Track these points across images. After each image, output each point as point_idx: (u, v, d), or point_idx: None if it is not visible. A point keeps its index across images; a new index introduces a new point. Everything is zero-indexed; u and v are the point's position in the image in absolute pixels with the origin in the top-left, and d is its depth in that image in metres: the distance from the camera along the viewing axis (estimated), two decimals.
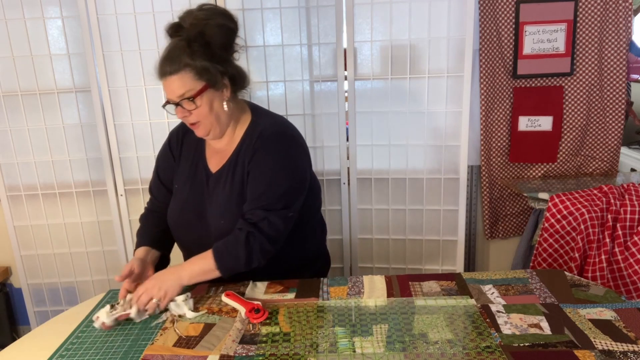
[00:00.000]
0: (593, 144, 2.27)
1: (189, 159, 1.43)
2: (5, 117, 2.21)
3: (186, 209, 1.39)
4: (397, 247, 2.34)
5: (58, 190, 2.28)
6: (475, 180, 2.35)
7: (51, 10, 2.12)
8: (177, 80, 1.23)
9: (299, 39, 2.13)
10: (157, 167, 1.50)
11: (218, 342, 1.10)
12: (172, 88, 1.25)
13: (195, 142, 1.43)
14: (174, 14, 2.08)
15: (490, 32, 2.17)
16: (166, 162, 1.47)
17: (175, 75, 1.23)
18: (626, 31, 2.11)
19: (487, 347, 1.03)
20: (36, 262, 2.36)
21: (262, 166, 1.30)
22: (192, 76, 1.24)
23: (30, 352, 1.13)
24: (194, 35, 1.23)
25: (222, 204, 1.34)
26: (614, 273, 1.74)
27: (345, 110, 2.18)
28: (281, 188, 1.30)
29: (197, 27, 1.24)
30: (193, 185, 1.39)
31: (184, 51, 1.23)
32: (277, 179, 1.30)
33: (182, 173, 1.43)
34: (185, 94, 1.24)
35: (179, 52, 1.24)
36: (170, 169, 1.47)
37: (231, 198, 1.33)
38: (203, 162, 1.40)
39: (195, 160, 1.42)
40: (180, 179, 1.43)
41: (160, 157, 1.50)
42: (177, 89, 1.24)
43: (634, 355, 0.98)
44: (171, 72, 1.23)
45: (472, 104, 2.17)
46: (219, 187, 1.35)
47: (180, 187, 1.42)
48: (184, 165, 1.43)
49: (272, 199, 1.29)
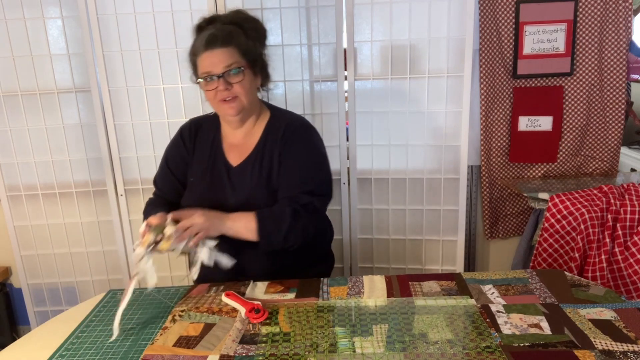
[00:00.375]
0: (593, 144, 2.27)
1: (204, 153, 1.45)
2: (5, 117, 2.21)
3: (205, 200, 1.40)
4: (397, 247, 2.34)
5: (58, 190, 2.28)
6: (475, 180, 2.35)
7: (51, 10, 2.12)
8: (226, 53, 1.30)
9: (299, 39, 2.13)
10: (167, 159, 1.51)
11: (218, 342, 1.10)
12: (218, 59, 1.30)
13: (211, 138, 1.46)
14: (174, 14, 2.08)
15: (490, 32, 2.17)
16: (178, 153, 1.49)
17: (224, 48, 1.30)
18: (626, 31, 2.11)
19: (487, 347, 1.03)
20: (36, 262, 2.37)
21: (299, 155, 1.38)
22: (239, 53, 1.32)
23: (30, 352, 1.14)
24: (242, 21, 1.36)
25: (248, 195, 1.38)
26: (614, 273, 1.74)
27: (345, 110, 2.18)
28: (322, 175, 1.41)
29: (246, 20, 1.37)
30: (212, 179, 1.42)
31: (236, 30, 1.33)
32: (317, 166, 1.40)
33: (198, 167, 1.45)
34: (232, 65, 1.30)
35: (230, 29, 1.33)
36: (182, 160, 1.48)
37: (258, 189, 1.38)
38: (221, 156, 1.43)
39: (212, 155, 1.44)
40: (196, 173, 1.45)
41: (171, 148, 1.51)
42: (225, 60, 1.30)
43: (634, 355, 0.98)
44: (222, 44, 1.30)
45: (472, 104, 2.17)
46: (244, 179, 1.39)
47: (197, 181, 1.44)
48: (200, 160, 1.45)
49: (317, 185, 1.38)
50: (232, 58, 1.30)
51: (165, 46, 2.12)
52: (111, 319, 1.24)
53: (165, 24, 2.10)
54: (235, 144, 1.44)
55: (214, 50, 1.30)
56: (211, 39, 1.30)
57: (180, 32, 2.10)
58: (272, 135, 1.40)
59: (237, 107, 1.35)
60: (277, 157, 1.38)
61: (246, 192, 1.38)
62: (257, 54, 1.37)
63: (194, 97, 2.17)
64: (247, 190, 1.38)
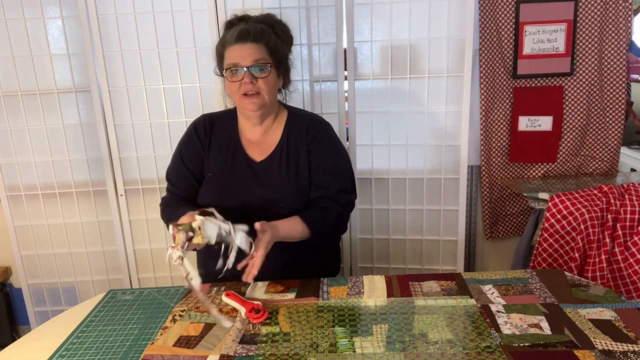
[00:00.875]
0: (593, 144, 2.27)
1: (222, 149, 1.46)
2: (5, 117, 2.21)
3: (226, 195, 1.43)
4: (397, 247, 2.34)
5: (58, 190, 2.28)
6: (475, 180, 2.35)
7: (51, 10, 2.12)
8: (255, 48, 1.34)
9: (299, 39, 2.13)
10: (181, 154, 1.50)
11: (218, 342, 1.10)
12: (248, 52, 1.33)
13: (228, 134, 1.48)
14: (174, 14, 2.08)
15: (490, 32, 2.17)
16: (192, 148, 1.49)
17: (255, 43, 1.34)
18: (626, 31, 2.11)
19: (487, 347, 1.03)
20: (36, 262, 2.36)
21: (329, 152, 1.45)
22: (267, 52, 1.36)
23: (30, 352, 1.13)
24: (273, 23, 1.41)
25: (278, 188, 1.41)
26: (614, 273, 1.74)
27: (345, 110, 2.18)
28: (351, 171, 1.50)
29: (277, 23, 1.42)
30: (233, 174, 1.44)
31: (267, 29, 1.38)
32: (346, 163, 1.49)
33: (216, 162, 1.46)
34: (259, 61, 1.34)
35: (262, 27, 1.37)
36: (197, 155, 1.48)
37: (287, 184, 1.42)
38: (242, 152, 1.46)
39: (230, 150, 1.46)
40: (213, 168, 1.46)
41: (185, 144, 1.51)
42: (254, 55, 1.33)
43: (634, 355, 0.98)
44: (253, 40, 1.34)
45: (472, 104, 2.17)
46: (271, 173, 1.43)
47: (216, 175, 1.45)
48: (217, 155, 1.46)
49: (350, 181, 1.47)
50: (260, 54, 1.34)
51: (165, 46, 2.12)
52: (111, 319, 1.24)
53: (165, 24, 2.10)
54: (254, 140, 1.46)
55: (244, 44, 1.33)
56: (244, 33, 1.34)
57: (180, 32, 2.10)
58: (293, 131, 1.45)
59: (258, 103, 1.37)
60: (304, 153, 1.43)
61: (274, 186, 1.41)
62: (284, 55, 1.42)
63: (194, 97, 2.17)
64: (276, 185, 1.41)
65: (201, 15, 2.07)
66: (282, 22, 1.45)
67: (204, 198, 1.46)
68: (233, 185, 1.44)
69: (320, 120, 1.50)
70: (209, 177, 1.47)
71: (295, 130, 1.45)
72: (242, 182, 1.44)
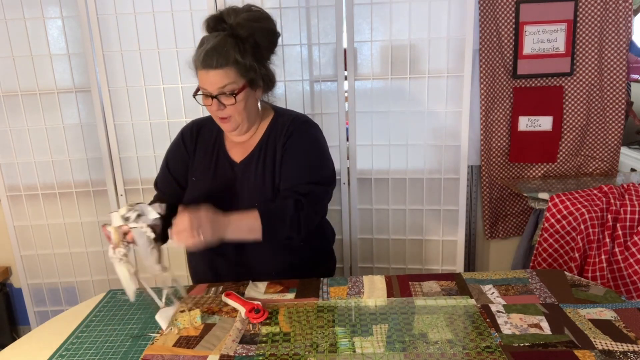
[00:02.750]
0: (593, 144, 2.27)
1: (207, 152, 1.45)
2: (5, 117, 2.21)
3: (210, 197, 1.39)
4: (397, 247, 2.34)
5: (58, 190, 2.28)
6: (475, 180, 2.35)
7: (51, 10, 2.12)
8: (221, 74, 1.25)
9: (299, 39, 2.13)
10: (167, 161, 1.51)
11: (218, 342, 1.10)
12: (213, 80, 1.26)
13: (213, 136, 1.46)
14: (174, 14, 2.08)
15: (490, 32, 2.17)
16: (178, 155, 1.48)
17: (220, 70, 1.25)
18: (626, 31, 2.11)
19: (487, 347, 1.03)
20: (36, 262, 2.36)
21: (301, 146, 1.37)
22: (236, 73, 1.26)
23: (30, 352, 1.13)
24: (245, 35, 1.27)
25: (255, 188, 1.38)
26: (614, 273, 1.74)
27: (345, 110, 2.18)
28: (323, 166, 1.40)
29: (247, 28, 1.27)
30: (215, 176, 1.42)
31: (234, 48, 1.26)
32: (318, 158, 1.39)
33: (200, 165, 1.45)
34: (226, 89, 1.26)
35: (229, 47, 1.25)
36: (182, 162, 1.48)
37: (265, 182, 1.37)
38: (224, 153, 1.43)
39: (214, 153, 1.44)
40: (198, 171, 1.44)
41: (172, 150, 1.51)
42: (219, 82, 1.26)
43: (634, 355, 0.98)
44: (217, 66, 1.24)
45: (472, 104, 2.17)
46: (249, 173, 1.39)
47: (200, 178, 1.44)
48: (202, 158, 1.45)
49: (317, 175, 1.36)
50: (227, 79, 1.26)
51: (165, 46, 2.12)
52: (111, 319, 1.24)
53: (165, 24, 2.10)
54: (237, 142, 1.45)
55: (209, 71, 1.25)
56: (207, 58, 1.25)
57: (180, 32, 2.10)
58: (275, 131, 1.41)
59: (231, 126, 1.34)
60: (280, 150, 1.38)
61: (253, 186, 1.39)
62: (257, 70, 1.31)
63: None
64: (253, 184, 1.39)
65: (201, 15, 2.05)
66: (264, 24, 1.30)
67: (188, 202, 1.42)
68: (215, 188, 1.41)
69: (304, 119, 1.43)
70: (193, 181, 1.45)
71: (277, 130, 1.41)
72: (224, 184, 1.41)
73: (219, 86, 1.26)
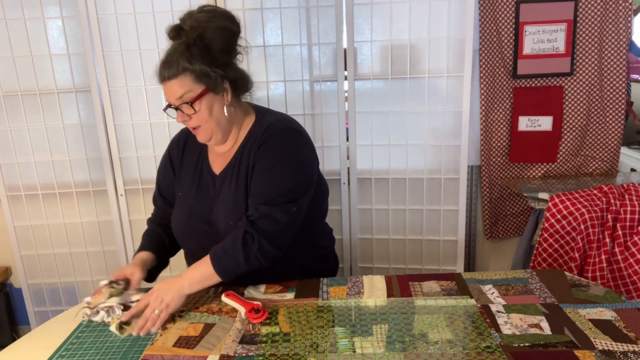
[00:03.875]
0: (593, 144, 2.27)
1: (191, 165, 1.41)
2: (5, 117, 2.21)
3: (193, 214, 1.36)
4: (397, 247, 2.34)
5: (58, 190, 2.28)
6: (475, 180, 2.35)
7: (51, 10, 2.12)
8: (176, 84, 1.22)
9: (299, 39, 2.13)
10: (158, 182, 1.48)
11: (218, 342, 1.10)
12: (171, 92, 1.23)
13: (199, 147, 1.41)
14: (174, 14, 2.08)
15: (490, 32, 2.17)
16: (166, 174, 1.46)
17: (174, 80, 1.22)
18: (626, 31, 2.11)
19: (487, 347, 1.03)
20: (36, 262, 2.36)
21: (267, 160, 1.27)
22: (191, 80, 1.22)
23: (30, 352, 1.13)
24: (193, 38, 1.22)
25: (228, 204, 1.30)
26: (614, 273, 1.74)
27: (345, 110, 2.18)
28: (286, 182, 1.26)
29: (196, 29, 1.22)
30: (198, 191, 1.37)
31: (182, 55, 1.22)
32: (283, 173, 1.26)
33: (185, 180, 1.40)
34: (184, 98, 1.22)
35: (177, 55, 1.22)
36: (170, 181, 1.45)
37: (238, 196, 1.30)
38: (207, 166, 1.38)
39: (199, 165, 1.39)
40: (184, 186, 1.40)
41: (161, 171, 1.48)
42: (176, 93, 1.22)
43: (634, 355, 0.98)
44: (170, 77, 1.22)
45: (472, 104, 2.17)
46: (225, 187, 1.32)
47: (185, 194, 1.39)
48: (187, 172, 1.41)
49: (276, 194, 1.25)
50: (183, 88, 1.21)
51: (165, 46, 2.09)
52: None
53: (165, 24, 2.07)
54: (220, 152, 1.37)
55: (165, 83, 1.23)
56: (162, 70, 1.23)
57: None
58: (252, 138, 1.32)
59: (203, 136, 1.29)
60: (252, 162, 1.30)
61: (227, 201, 1.31)
62: (215, 74, 1.23)
63: None
64: (227, 198, 1.31)
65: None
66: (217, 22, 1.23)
67: (175, 219, 1.41)
68: (198, 202, 1.36)
69: (282, 125, 1.31)
70: (179, 196, 1.40)
71: (254, 137, 1.31)
72: (204, 199, 1.35)
73: (176, 97, 1.22)
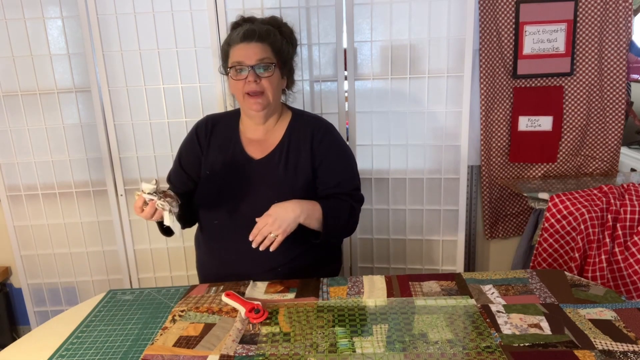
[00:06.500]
0: (593, 144, 2.27)
1: (222, 147, 1.48)
2: (5, 117, 2.21)
3: (223, 191, 1.44)
4: (397, 247, 2.34)
5: (58, 190, 2.28)
6: (475, 180, 2.35)
7: (51, 10, 2.12)
8: (260, 47, 1.36)
9: (299, 39, 2.12)
10: (180, 155, 1.54)
11: (218, 342, 1.10)
12: (253, 51, 1.35)
13: (229, 133, 1.49)
14: (174, 14, 2.08)
15: (490, 32, 2.17)
16: (191, 150, 1.52)
17: (260, 43, 1.36)
18: (626, 31, 2.11)
19: (487, 347, 1.03)
20: (36, 262, 2.36)
21: (340, 154, 1.47)
22: (272, 50, 1.38)
23: (30, 352, 1.14)
24: (281, 25, 1.44)
25: (274, 186, 1.41)
26: (614, 273, 1.74)
27: (345, 110, 2.18)
28: (357, 171, 1.52)
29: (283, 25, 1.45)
30: (230, 171, 1.45)
31: (273, 30, 1.40)
32: (354, 163, 1.52)
33: (215, 160, 1.47)
34: (264, 60, 1.35)
35: (268, 27, 1.40)
36: (194, 157, 1.51)
37: (286, 181, 1.42)
38: (240, 150, 1.46)
39: (230, 149, 1.47)
40: (213, 166, 1.47)
41: (185, 145, 1.54)
42: (259, 54, 1.35)
43: (634, 355, 0.98)
44: (258, 39, 1.35)
45: (472, 104, 2.17)
46: (269, 171, 1.43)
47: (215, 173, 1.47)
48: (216, 154, 1.48)
49: (358, 180, 1.50)
50: (265, 53, 1.36)
51: (165, 46, 2.12)
52: (111, 319, 1.24)
53: (165, 24, 2.10)
54: (255, 139, 1.47)
55: (250, 43, 1.35)
56: (249, 32, 1.36)
57: (180, 32, 2.10)
58: (296, 132, 1.46)
59: (262, 103, 1.38)
60: (306, 154, 1.43)
61: (270, 184, 1.42)
62: (289, 56, 1.44)
63: (194, 97, 2.17)
64: (273, 182, 1.42)
65: (201, 15, 2.07)
66: (287, 24, 1.47)
67: (202, 196, 1.48)
68: (230, 183, 1.45)
69: (326, 123, 1.50)
70: (207, 174, 1.48)
71: (299, 131, 1.46)
72: (239, 179, 1.44)
73: (258, 57, 1.35)
